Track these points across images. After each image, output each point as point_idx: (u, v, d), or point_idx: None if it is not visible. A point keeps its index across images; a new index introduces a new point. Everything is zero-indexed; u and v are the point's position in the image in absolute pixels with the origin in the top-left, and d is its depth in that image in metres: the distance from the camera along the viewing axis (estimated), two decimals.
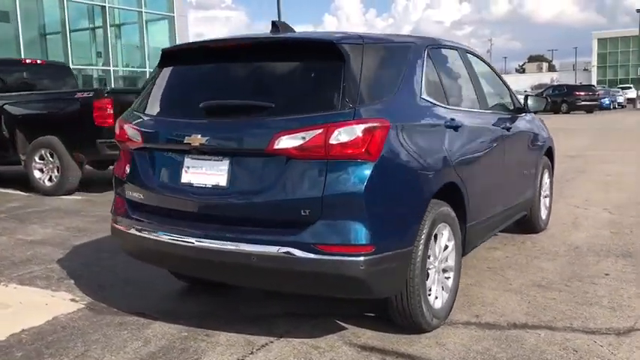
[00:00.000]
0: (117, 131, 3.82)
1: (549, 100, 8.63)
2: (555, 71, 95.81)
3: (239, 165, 3.27)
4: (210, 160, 3.34)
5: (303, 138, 3.03)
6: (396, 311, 3.47)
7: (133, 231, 3.61)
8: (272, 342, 3.52)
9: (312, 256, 3.00)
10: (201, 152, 3.34)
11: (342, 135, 2.99)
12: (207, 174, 3.33)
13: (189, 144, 3.32)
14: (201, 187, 3.35)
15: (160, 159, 3.58)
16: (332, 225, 3.01)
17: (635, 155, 13.37)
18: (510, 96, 5.46)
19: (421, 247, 3.33)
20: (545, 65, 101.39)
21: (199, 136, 3.28)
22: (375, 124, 3.06)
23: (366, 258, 3.00)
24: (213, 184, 3.31)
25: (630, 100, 50.00)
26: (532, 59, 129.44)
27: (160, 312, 4.00)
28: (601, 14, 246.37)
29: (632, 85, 61.01)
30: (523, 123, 5.43)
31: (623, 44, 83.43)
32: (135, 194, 3.64)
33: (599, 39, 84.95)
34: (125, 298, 4.31)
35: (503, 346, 3.43)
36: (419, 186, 3.38)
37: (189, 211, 3.42)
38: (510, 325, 3.73)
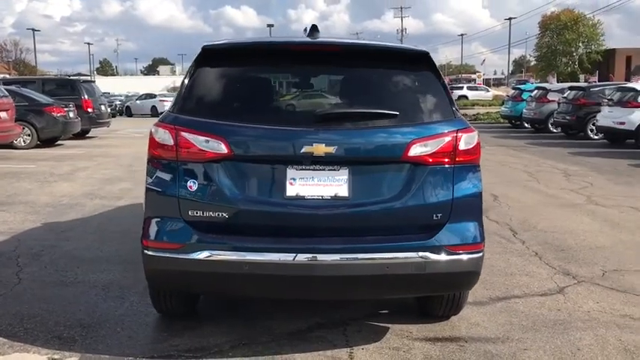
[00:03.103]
0: (168, 141, 3.17)
1: None
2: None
3: (362, 174, 3.17)
4: (324, 170, 3.14)
5: (436, 145, 3.19)
6: (445, 302, 3.82)
7: (206, 256, 3.09)
8: (353, 352, 3.51)
9: (446, 257, 3.18)
10: (314, 162, 3.12)
11: (466, 141, 3.27)
12: (321, 185, 3.12)
13: (311, 153, 3.07)
14: (317, 199, 3.12)
15: (252, 171, 3.17)
16: (458, 227, 3.24)
17: None
18: None
19: None
20: (178, 69, 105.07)
21: (323, 145, 3.07)
22: (476, 132, 3.40)
23: (483, 254, 3.34)
24: (332, 195, 3.13)
25: None
26: (156, 62, 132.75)
27: (191, 350, 3.50)
28: (207, 24, 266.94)
29: None
30: None
31: None
32: (210, 213, 3.12)
33: None
34: (117, 346, 3.56)
35: (514, 317, 4.11)
36: None
37: (303, 226, 3.13)
38: (491, 301, 4.43)
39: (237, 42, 3.54)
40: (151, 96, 40.22)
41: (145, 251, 3.25)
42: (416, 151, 3.17)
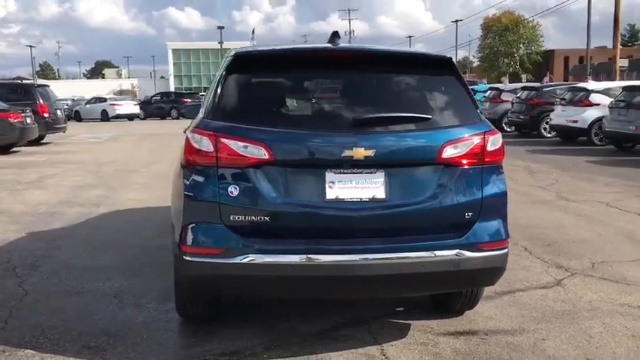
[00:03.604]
0: (207, 147, 3.20)
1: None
2: (132, 78, 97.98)
3: (397, 175, 3.28)
4: (361, 173, 3.23)
5: (467, 146, 3.34)
6: (463, 297, 3.97)
7: (249, 260, 3.14)
8: (383, 349, 3.62)
9: (477, 254, 3.33)
10: (353, 166, 3.21)
11: (493, 142, 3.43)
12: (359, 188, 3.21)
13: (351, 157, 3.16)
14: (356, 201, 3.21)
15: (292, 175, 3.24)
16: (487, 224, 3.40)
17: None
18: None
19: None
20: (124, 72, 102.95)
21: (362, 148, 3.16)
22: (500, 133, 3.56)
23: (508, 250, 3.50)
24: (370, 197, 3.22)
25: None
26: (100, 65, 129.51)
27: (225, 354, 3.53)
28: (150, 25, 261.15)
29: (202, 93, 66.75)
30: None
31: (194, 56, 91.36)
32: (251, 217, 3.17)
33: (173, 49, 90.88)
34: (149, 353, 3.56)
35: (523, 309, 4.29)
36: None
37: (343, 228, 3.22)
38: (498, 294, 4.61)
39: (269, 49, 3.60)
40: (101, 100, 39.35)
41: (184, 257, 3.25)
42: (449, 152, 3.30)
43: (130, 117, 37.80)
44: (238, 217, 3.19)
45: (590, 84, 18.97)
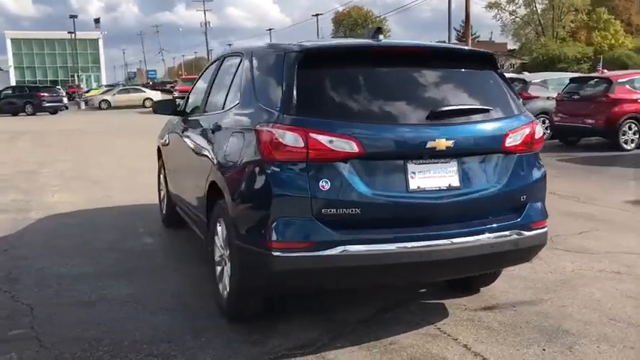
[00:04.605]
0: (297, 143, 3.21)
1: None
2: None
3: (466, 164, 3.52)
4: (437, 162, 3.43)
5: (522, 135, 3.67)
6: (485, 276, 4.33)
7: (340, 251, 3.22)
8: (439, 327, 3.86)
9: (531, 233, 3.68)
10: (432, 156, 3.40)
11: (538, 131, 3.79)
12: (437, 177, 3.41)
13: (434, 148, 3.35)
14: (435, 190, 3.41)
15: (378, 167, 3.36)
16: (535, 206, 3.77)
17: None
18: None
19: None
20: None
21: (444, 139, 3.35)
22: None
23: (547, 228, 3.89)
24: (446, 185, 3.43)
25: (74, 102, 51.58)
26: None
27: (297, 347, 3.57)
28: None
29: (59, 86, 62.10)
30: None
31: (37, 46, 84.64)
32: (342, 210, 3.24)
33: (12, 39, 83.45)
34: (223, 356, 3.48)
35: (526, 282, 4.73)
36: None
37: (426, 216, 3.40)
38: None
39: (340, 45, 3.67)
40: None
41: (273, 253, 3.23)
42: (509, 141, 3.61)
43: None
44: (330, 211, 3.25)
45: None
